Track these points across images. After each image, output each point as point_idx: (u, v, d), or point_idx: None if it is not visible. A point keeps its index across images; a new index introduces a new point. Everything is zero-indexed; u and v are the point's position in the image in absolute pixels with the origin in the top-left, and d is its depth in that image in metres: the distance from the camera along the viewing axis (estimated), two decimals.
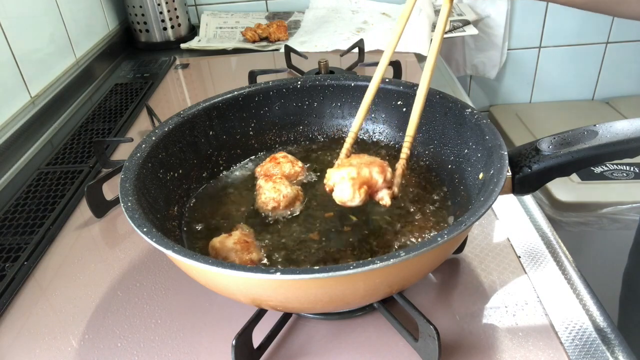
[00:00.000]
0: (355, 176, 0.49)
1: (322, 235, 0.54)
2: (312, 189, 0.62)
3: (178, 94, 1.11)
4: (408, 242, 0.53)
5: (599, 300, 0.52)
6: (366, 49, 1.13)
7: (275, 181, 0.58)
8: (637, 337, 0.82)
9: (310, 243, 0.53)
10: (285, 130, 0.70)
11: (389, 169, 0.51)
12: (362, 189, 0.49)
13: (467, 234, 0.59)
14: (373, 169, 0.50)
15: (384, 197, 0.50)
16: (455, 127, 0.59)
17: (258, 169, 0.64)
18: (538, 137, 0.51)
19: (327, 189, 0.52)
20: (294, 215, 0.57)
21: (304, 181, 0.63)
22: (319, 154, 0.68)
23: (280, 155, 0.64)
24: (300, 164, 0.64)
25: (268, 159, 0.64)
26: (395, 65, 1.00)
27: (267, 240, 0.54)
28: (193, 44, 1.34)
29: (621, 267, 0.89)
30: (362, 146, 0.69)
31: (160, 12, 1.34)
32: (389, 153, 0.67)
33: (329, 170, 0.52)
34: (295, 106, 0.69)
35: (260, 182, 0.59)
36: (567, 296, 0.53)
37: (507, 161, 0.47)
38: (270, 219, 0.57)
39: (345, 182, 0.49)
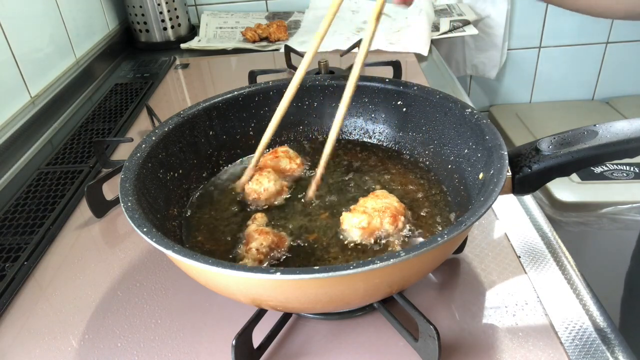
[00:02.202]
0: (365, 226, 0.52)
1: (319, 233, 0.54)
2: (305, 186, 0.61)
3: (178, 94, 1.11)
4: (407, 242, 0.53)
5: (599, 300, 0.52)
6: None
7: (262, 174, 0.60)
8: (638, 339, 0.82)
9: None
10: (285, 130, 0.70)
11: (402, 218, 0.53)
12: (370, 236, 0.52)
13: (467, 234, 0.59)
14: (385, 220, 0.52)
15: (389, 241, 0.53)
16: (455, 127, 0.59)
17: (261, 159, 0.65)
18: (538, 137, 0.51)
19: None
20: (273, 206, 0.59)
21: (300, 177, 0.64)
22: (319, 154, 0.68)
23: (281, 149, 0.65)
24: (299, 160, 0.64)
25: (271, 151, 0.65)
26: (395, 65, 1.00)
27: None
28: (193, 44, 1.34)
29: (621, 267, 0.89)
30: (362, 147, 0.69)
31: (160, 12, 1.34)
32: (389, 153, 0.67)
33: (343, 214, 0.54)
34: (295, 106, 0.69)
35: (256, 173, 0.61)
36: (567, 296, 0.53)
37: (507, 161, 0.47)
38: (250, 208, 0.59)
39: (355, 230, 0.52)
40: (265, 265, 0.51)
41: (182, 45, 1.34)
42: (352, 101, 0.68)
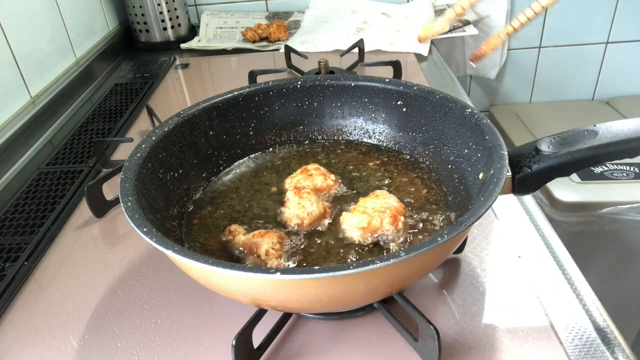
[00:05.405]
0: (365, 226, 0.52)
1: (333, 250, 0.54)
2: (344, 203, 0.58)
3: (178, 94, 1.11)
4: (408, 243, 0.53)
5: (599, 300, 0.52)
6: (366, 49, 1.13)
7: (302, 196, 0.55)
8: None
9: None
10: (285, 130, 0.70)
11: (402, 218, 0.53)
12: (370, 236, 0.52)
13: (467, 234, 0.59)
14: (385, 220, 0.52)
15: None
16: (455, 127, 0.59)
17: (288, 181, 0.61)
18: (538, 137, 0.51)
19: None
20: (318, 230, 0.55)
21: (338, 195, 0.60)
22: (320, 154, 0.68)
23: (312, 167, 0.61)
24: (332, 177, 0.61)
25: (299, 170, 0.61)
26: (395, 65, 1.00)
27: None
28: (193, 44, 1.34)
29: (621, 267, 0.88)
30: (362, 147, 0.69)
31: (160, 12, 1.34)
32: (389, 153, 0.67)
33: (344, 214, 0.54)
34: (295, 106, 0.69)
35: (289, 194, 0.56)
36: (567, 296, 0.53)
37: (507, 161, 0.47)
38: (293, 234, 0.54)
39: (355, 231, 0.52)
40: (289, 257, 0.51)
41: (182, 45, 1.34)
42: (352, 101, 0.68)
